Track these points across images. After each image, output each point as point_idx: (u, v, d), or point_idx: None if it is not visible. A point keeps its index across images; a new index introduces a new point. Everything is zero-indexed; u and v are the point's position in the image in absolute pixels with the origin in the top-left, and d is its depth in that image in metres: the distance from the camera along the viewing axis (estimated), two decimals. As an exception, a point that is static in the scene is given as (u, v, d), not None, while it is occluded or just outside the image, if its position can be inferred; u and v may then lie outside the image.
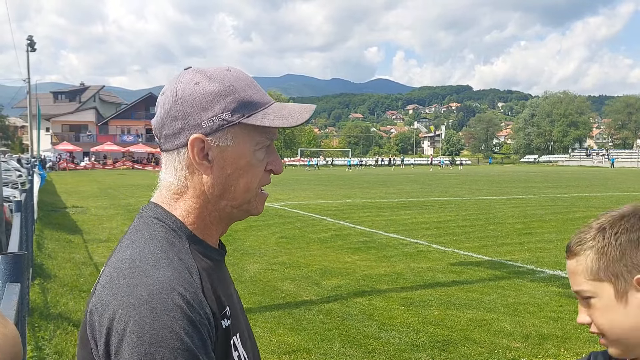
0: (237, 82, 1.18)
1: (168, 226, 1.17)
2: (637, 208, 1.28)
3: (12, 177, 24.43)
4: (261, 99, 1.20)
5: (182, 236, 1.16)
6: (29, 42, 53.37)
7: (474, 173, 60.08)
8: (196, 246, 1.18)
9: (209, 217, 1.21)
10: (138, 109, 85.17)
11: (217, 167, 1.17)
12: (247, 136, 1.17)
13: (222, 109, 1.15)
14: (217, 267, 1.22)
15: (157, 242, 1.12)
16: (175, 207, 1.20)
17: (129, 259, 1.08)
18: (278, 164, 1.24)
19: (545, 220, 16.80)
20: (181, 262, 1.10)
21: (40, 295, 7.94)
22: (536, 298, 8.16)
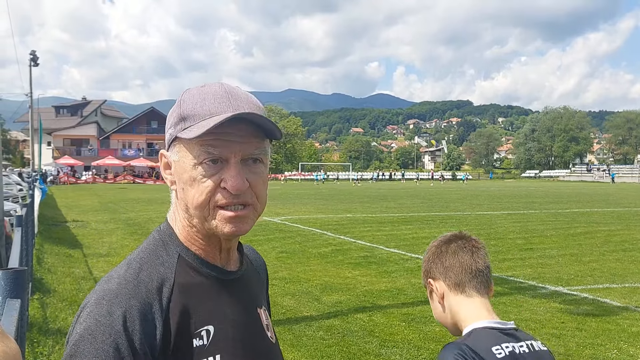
0: (192, 96, 1.18)
1: (162, 240, 1.23)
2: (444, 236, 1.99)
3: (12, 191, 24.45)
4: (204, 111, 1.15)
5: (173, 250, 1.21)
6: (32, 57, 53.67)
7: (475, 188, 60.06)
8: (189, 261, 1.21)
9: (192, 231, 1.22)
10: (139, 123, 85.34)
11: (176, 181, 1.20)
12: (187, 150, 1.17)
13: (171, 124, 1.20)
14: (216, 285, 1.22)
15: (140, 254, 1.20)
16: (174, 218, 1.26)
17: (117, 268, 1.19)
18: (230, 179, 1.14)
19: (547, 235, 16.76)
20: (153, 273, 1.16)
21: (40, 310, 7.90)
22: (538, 314, 8.12)
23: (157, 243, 1.23)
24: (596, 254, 13.51)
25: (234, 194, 1.15)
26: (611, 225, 19.80)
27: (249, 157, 1.17)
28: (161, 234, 1.25)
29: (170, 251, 1.21)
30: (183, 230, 1.23)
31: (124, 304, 1.09)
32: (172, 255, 1.21)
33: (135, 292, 1.11)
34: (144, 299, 1.11)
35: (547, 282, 10.28)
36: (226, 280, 1.24)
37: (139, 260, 1.19)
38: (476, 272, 1.80)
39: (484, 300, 1.81)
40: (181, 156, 1.18)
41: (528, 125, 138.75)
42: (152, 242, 1.24)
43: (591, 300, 9.06)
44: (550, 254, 13.35)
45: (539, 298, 9.12)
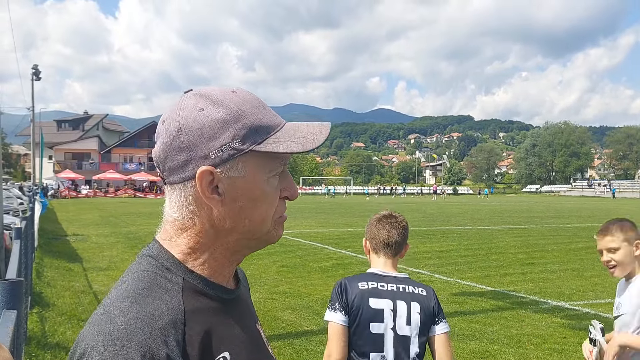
0: (245, 105, 1.08)
1: (161, 265, 1.09)
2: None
3: (13, 204, 24.44)
4: (272, 121, 1.10)
5: (176, 274, 1.08)
6: (34, 71, 53.87)
7: (476, 203, 60.03)
8: (195, 285, 1.09)
9: (217, 252, 1.12)
10: (141, 137, 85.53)
11: (228, 200, 1.07)
12: (259, 164, 1.08)
13: (231, 137, 1.05)
14: (223, 307, 1.12)
15: (139, 283, 1.05)
16: (177, 242, 1.11)
17: (107, 302, 1.03)
18: (293, 189, 1.15)
19: (548, 250, 16.72)
20: (161, 304, 1.02)
21: (38, 323, 7.87)
22: (540, 329, 8.08)
23: (155, 269, 1.09)
24: (598, 268, 13.45)
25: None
26: (613, 240, 19.72)
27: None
28: (158, 259, 1.10)
29: (172, 277, 1.08)
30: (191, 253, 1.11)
31: (142, 347, 0.94)
32: (175, 281, 1.07)
33: (150, 332, 0.96)
34: (161, 338, 0.97)
35: (548, 297, 10.24)
36: (230, 299, 1.15)
37: (140, 290, 1.04)
38: (387, 244, 2.85)
39: (387, 260, 2.84)
40: (251, 171, 1.08)
41: (529, 140, 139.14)
42: (148, 269, 1.09)
43: (593, 315, 9.01)
44: (552, 269, 13.31)
45: (540, 313, 9.08)
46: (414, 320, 2.64)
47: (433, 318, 2.72)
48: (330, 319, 2.66)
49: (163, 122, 1.09)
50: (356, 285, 2.67)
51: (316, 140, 1.09)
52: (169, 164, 1.08)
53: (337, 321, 2.63)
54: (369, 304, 2.62)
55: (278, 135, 1.08)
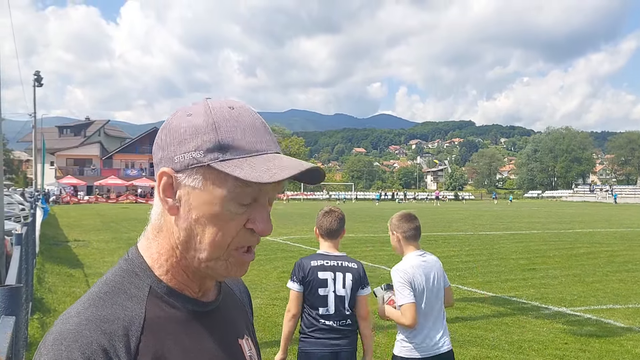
0: (227, 121, 1.04)
1: (131, 270, 1.09)
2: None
3: (15, 210, 24.45)
4: (249, 145, 1.03)
5: (144, 281, 1.08)
6: (36, 77, 54.00)
7: (477, 208, 59.97)
8: (161, 294, 1.07)
9: (180, 265, 1.09)
10: (142, 143, 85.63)
11: (183, 209, 1.05)
12: (218, 182, 1.02)
13: (196, 146, 1.02)
14: (191, 319, 1.09)
15: (104, 287, 1.06)
16: (151, 244, 1.11)
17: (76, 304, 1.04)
18: (262, 223, 1.05)
19: (549, 256, 16.69)
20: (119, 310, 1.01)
21: (39, 330, 7.87)
22: (541, 335, 8.06)
23: (124, 274, 1.08)
24: (599, 274, 13.44)
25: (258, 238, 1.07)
26: (614, 245, 19.72)
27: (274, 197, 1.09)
28: (129, 264, 1.10)
29: (140, 283, 1.07)
30: (158, 259, 1.10)
31: (86, 350, 0.93)
32: (142, 287, 1.07)
33: (97, 335, 0.96)
34: (108, 342, 0.96)
35: (550, 303, 10.22)
36: (203, 312, 1.12)
37: (102, 294, 1.04)
38: (330, 230, 3.99)
39: (331, 243, 4.00)
40: (206, 186, 1.03)
41: (530, 146, 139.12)
42: (118, 274, 1.09)
43: (594, 321, 8.99)
44: (553, 275, 13.28)
45: (542, 319, 9.06)
46: (347, 285, 3.91)
47: (360, 284, 3.98)
48: (291, 287, 3.96)
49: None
50: (309, 263, 3.94)
51: (277, 175, 0.99)
52: (154, 159, 1.10)
53: (295, 289, 3.93)
54: (318, 275, 3.88)
55: (248, 161, 1.02)
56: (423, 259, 3.99)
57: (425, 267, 3.95)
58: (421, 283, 3.86)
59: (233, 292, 1.31)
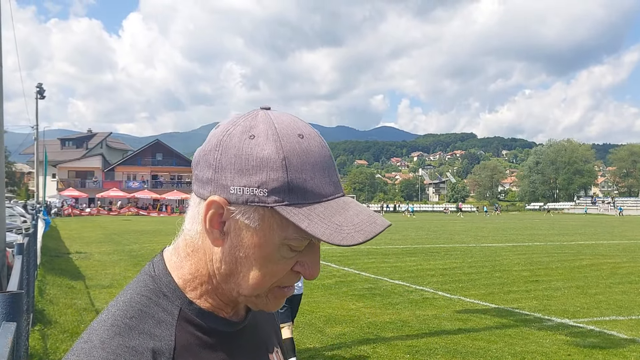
0: (299, 157, 0.91)
1: (158, 290, 0.99)
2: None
3: (16, 222, 24.45)
4: (318, 189, 0.91)
5: (173, 303, 0.98)
6: (38, 90, 54.22)
7: (478, 220, 59.89)
8: (192, 317, 0.98)
9: (216, 291, 1.00)
10: (144, 155, 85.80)
11: (229, 243, 0.94)
12: (277, 225, 0.91)
13: (259, 182, 0.89)
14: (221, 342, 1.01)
15: (129, 310, 0.95)
16: (183, 263, 1.01)
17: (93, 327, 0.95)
18: (311, 269, 0.97)
19: (552, 267, 16.65)
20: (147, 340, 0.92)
21: (40, 341, 7.84)
22: (544, 347, 8.02)
23: (151, 295, 0.98)
24: (602, 286, 13.40)
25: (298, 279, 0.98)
26: (617, 257, 19.67)
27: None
28: (156, 282, 1.00)
29: (169, 306, 0.97)
30: (192, 282, 1.00)
31: None
32: (171, 311, 0.97)
33: None
34: None
35: (553, 314, 10.18)
36: (235, 331, 1.04)
37: (127, 320, 0.93)
38: None
39: None
40: (264, 227, 0.91)
41: (532, 158, 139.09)
42: (144, 294, 0.98)
43: (598, 332, 8.95)
44: (556, 286, 13.24)
45: (545, 330, 9.02)
46: None
47: None
48: None
49: (217, 127, 0.97)
50: None
51: (350, 238, 0.88)
52: (197, 172, 0.97)
53: None
54: None
55: (316, 210, 0.90)
56: None
57: None
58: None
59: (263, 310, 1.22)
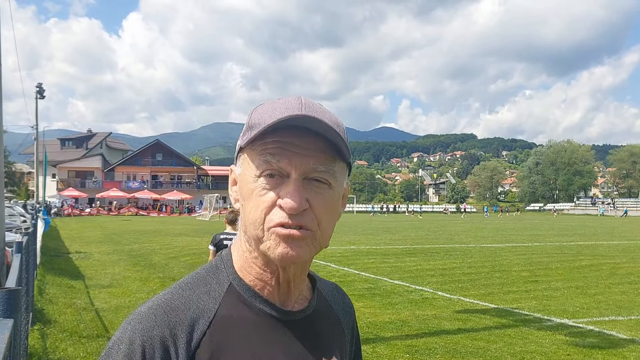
0: (264, 107, 1.05)
1: (217, 264, 1.12)
2: None
3: (16, 222, 24.46)
4: (272, 118, 0.99)
5: (225, 277, 1.09)
6: (38, 90, 54.17)
7: (479, 221, 59.88)
8: (240, 293, 1.07)
9: (250, 257, 1.08)
10: (144, 155, 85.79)
11: (240, 199, 1.07)
12: (249, 160, 1.03)
13: (241, 136, 1.07)
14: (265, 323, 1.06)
15: (190, 278, 1.10)
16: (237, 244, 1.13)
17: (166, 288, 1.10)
18: (286, 196, 0.99)
19: (552, 268, 16.64)
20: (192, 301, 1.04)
21: (40, 340, 7.84)
22: (543, 347, 8.01)
23: (210, 269, 1.11)
24: (602, 286, 13.39)
25: (290, 214, 0.99)
26: (617, 258, 19.67)
27: (313, 175, 1.01)
28: (218, 260, 1.13)
29: (221, 279, 1.09)
30: (241, 256, 1.10)
31: (146, 333, 0.98)
32: (222, 283, 1.08)
33: (162, 321, 0.99)
34: (170, 331, 0.99)
35: (552, 315, 10.18)
36: (284, 320, 1.08)
37: (184, 284, 1.07)
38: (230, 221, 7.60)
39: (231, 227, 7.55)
40: (244, 168, 1.05)
41: (532, 159, 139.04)
42: (206, 267, 1.12)
43: (597, 332, 8.95)
44: (556, 287, 13.23)
45: (544, 330, 9.02)
46: None
47: None
48: (210, 248, 7.49)
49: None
50: (220, 236, 7.43)
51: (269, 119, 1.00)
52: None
53: (211, 249, 7.41)
54: (224, 242, 7.27)
55: (259, 130, 1.01)
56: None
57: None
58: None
59: (331, 308, 1.24)
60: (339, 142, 1.02)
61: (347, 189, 1.13)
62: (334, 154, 1.03)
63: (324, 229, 1.03)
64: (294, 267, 1.06)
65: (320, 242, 1.04)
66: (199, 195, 76.37)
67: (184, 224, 43.97)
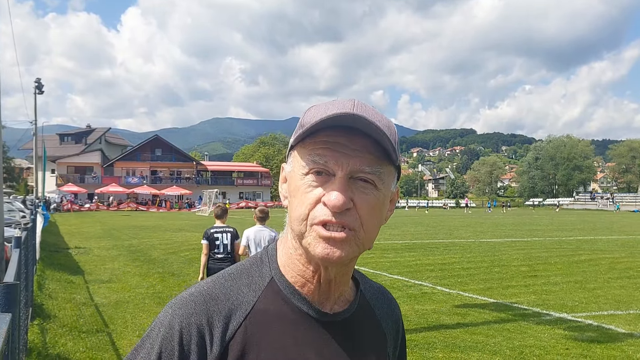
0: (317, 106, 1.06)
1: (262, 258, 1.15)
2: None
3: (15, 217, 24.45)
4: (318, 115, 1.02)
5: (267, 271, 1.12)
6: (37, 85, 54.07)
7: (478, 216, 59.91)
8: (280, 288, 1.09)
9: (295, 254, 1.10)
10: (143, 150, 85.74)
11: (289, 196, 1.08)
12: (299, 158, 1.05)
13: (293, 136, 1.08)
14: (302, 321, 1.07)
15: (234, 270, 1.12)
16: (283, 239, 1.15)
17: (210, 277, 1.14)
18: (328, 195, 1.00)
19: (551, 262, 16.66)
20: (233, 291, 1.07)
21: (39, 335, 7.84)
22: (542, 341, 8.03)
23: (255, 261, 1.14)
24: (601, 281, 13.41)
25: (333, 212, 0.99)
26: (615, 252, 19.68)
27: (359, 174, 1.01)
28: (264, 253, 1.16)
29: (263, 272, 1.11)
30: (286, 253, 1.11)
31: (185, 319, 1.02)
32: (264, 277, 1.10)
33: (201, 309, 1.03)
34: (208, 319, 1.03)
35: (551, 309, 10.19)
36: (321, 321, 1.08)
37: (227, 274, 1.11)
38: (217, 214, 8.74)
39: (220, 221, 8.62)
40: (294, 165, 1.06)
41: (531, 154, 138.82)
42: (252, 259, 1.15)
43: (596, 326, 8.96)
44: (555, 281, 13.25)
45: (543, 324, 9.03)
46: (228, 238, 8.32)
47: (235, 238, 8.35)
48: (203, 242, 8.40)
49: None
50: (210, 230, 8.42)
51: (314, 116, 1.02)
52: None
53: (204, 242, 8.35)
54: (214, 235, 8.36)
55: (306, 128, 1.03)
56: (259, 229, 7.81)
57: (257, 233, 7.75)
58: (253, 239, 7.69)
59: (373, 312, 1.22)
60: (387, 145, 1.02)
61: (397, 193, 1.14)
62: (381, 156, 1.03)
63: (368, 229, 1.03)
64: (336, 267, 1.06)
65: (364, 243, 1.04)
66: (199, 191, 76.28)
67: (183, 220, 43.98)
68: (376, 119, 1.02)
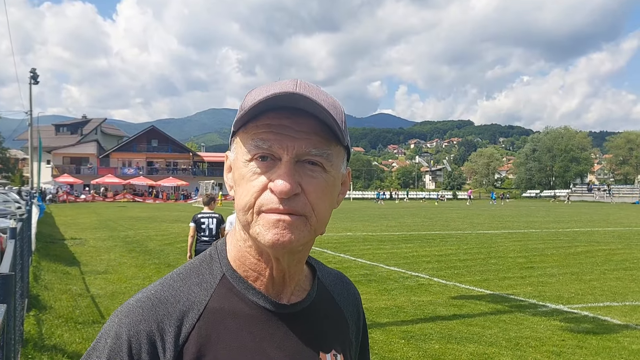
0: (258, 88, 1.00)
1: (211, 254, 1.09)
2: None
3: (11, 208, 24.41)
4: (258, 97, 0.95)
5: (218, 268, 1.06)
6: (32, 75, 53.89)
7: (475, 207, 59.98)
8: (232, 284, 1.04)
9: (244, 247, 1.04)
10: (139, 141, 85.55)
11: (233, 184, 1.04)
12: (241, 144, 0.99)
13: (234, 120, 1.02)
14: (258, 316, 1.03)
15: (183, 269, 1.06)
16: (232, 233, 1.10)
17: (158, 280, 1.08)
18: (277, 180, 0.94)
19: (547, 254, 16.69)
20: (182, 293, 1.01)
21: (35, 326, 7.83)
22: (538, 332, 8.05)
23: (204, 259, 1.08)
24: (597, 272, 13.45)
25: (281, 198, 0.94)
26: (612, 244, 19.73)
27: (306, 157, 0.97)
28: (213, 249, 1.10)
29: (214, 269, 1.05)
30: (235, 246, 1.06)
31: (133, 328, 0.95)
32: (214, 274, 1.04)
33: (149, 315, 0.97)
34: (157, 325, 0.96)
35: (547, 301, 10.22)
36: (278, 314, 1.04)
37: (175, 275, 1.04)
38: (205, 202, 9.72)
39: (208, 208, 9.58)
40: (237, 152, 1.01)
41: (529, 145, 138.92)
42: (201, 256, 1.09)
43: (592, 318, 8.99)
44: (551, 273, 13.28)
45: (539, 316, 9.06)
46: (214, 223, 9.28)
47: (220, 223, 9.33)
48: (190, 225, 9.39)
49: None
50: (198, 215, 9.41)
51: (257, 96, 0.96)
52: None
53: (192, 225, 9.35)
54: (201, 219, 9.31)
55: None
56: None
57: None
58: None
59: (333, 299, 1.19)
60: (333, 124, 0.96)
61: (348, 175, 1.09)
62: (328, 137, 0.98)
63: (319, 214, 0.98)
64: (289, 257, 1.01)
65: (315, 229, 0.99)
66: (195, 182, 76.25)
67: (179, 211, 43.94)
68: (320, 98, 0.97)
